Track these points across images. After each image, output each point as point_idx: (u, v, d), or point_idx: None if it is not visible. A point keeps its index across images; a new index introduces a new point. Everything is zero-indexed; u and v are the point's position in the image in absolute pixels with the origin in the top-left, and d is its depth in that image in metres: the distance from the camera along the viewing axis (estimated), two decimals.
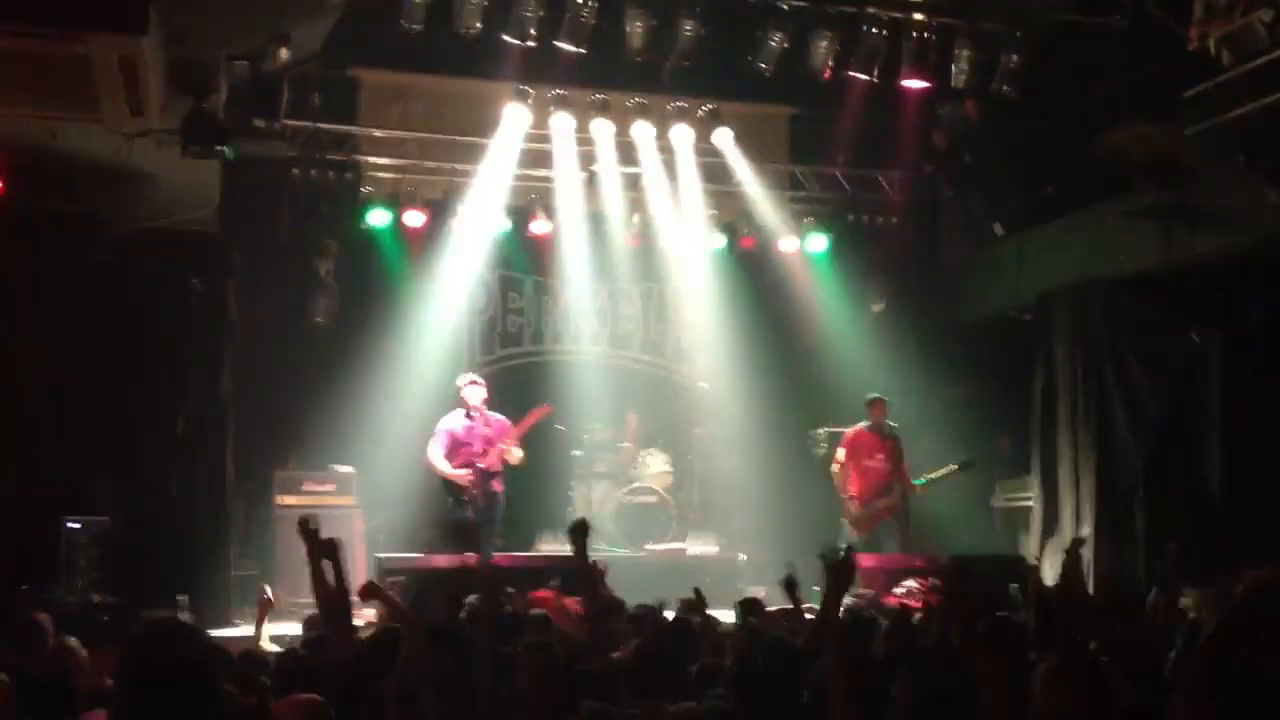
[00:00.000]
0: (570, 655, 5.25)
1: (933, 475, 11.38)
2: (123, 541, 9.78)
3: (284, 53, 8.88)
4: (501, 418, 10.64)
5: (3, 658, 5.79)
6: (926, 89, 11.32)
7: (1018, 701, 3.83)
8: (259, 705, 4.22)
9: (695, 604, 7.40)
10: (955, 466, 11.34)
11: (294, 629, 7.76)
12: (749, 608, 7.26)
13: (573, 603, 7.32)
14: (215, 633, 7.85)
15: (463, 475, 10.33)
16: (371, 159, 12.32)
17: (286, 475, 11.41)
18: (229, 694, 4.27)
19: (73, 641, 5.95)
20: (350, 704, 4.38)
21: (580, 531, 5.87)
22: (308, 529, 5.44)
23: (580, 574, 6.17)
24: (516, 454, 10.53)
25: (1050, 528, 11.58)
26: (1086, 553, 10.92)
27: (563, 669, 4.84)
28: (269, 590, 7.81)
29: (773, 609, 7.46)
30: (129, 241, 9.89)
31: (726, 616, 7.74)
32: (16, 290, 9.67)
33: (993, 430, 12.70)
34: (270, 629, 7.99)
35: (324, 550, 5.35)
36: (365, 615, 7.95)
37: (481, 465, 10.37)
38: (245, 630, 9.42)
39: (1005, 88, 11.08)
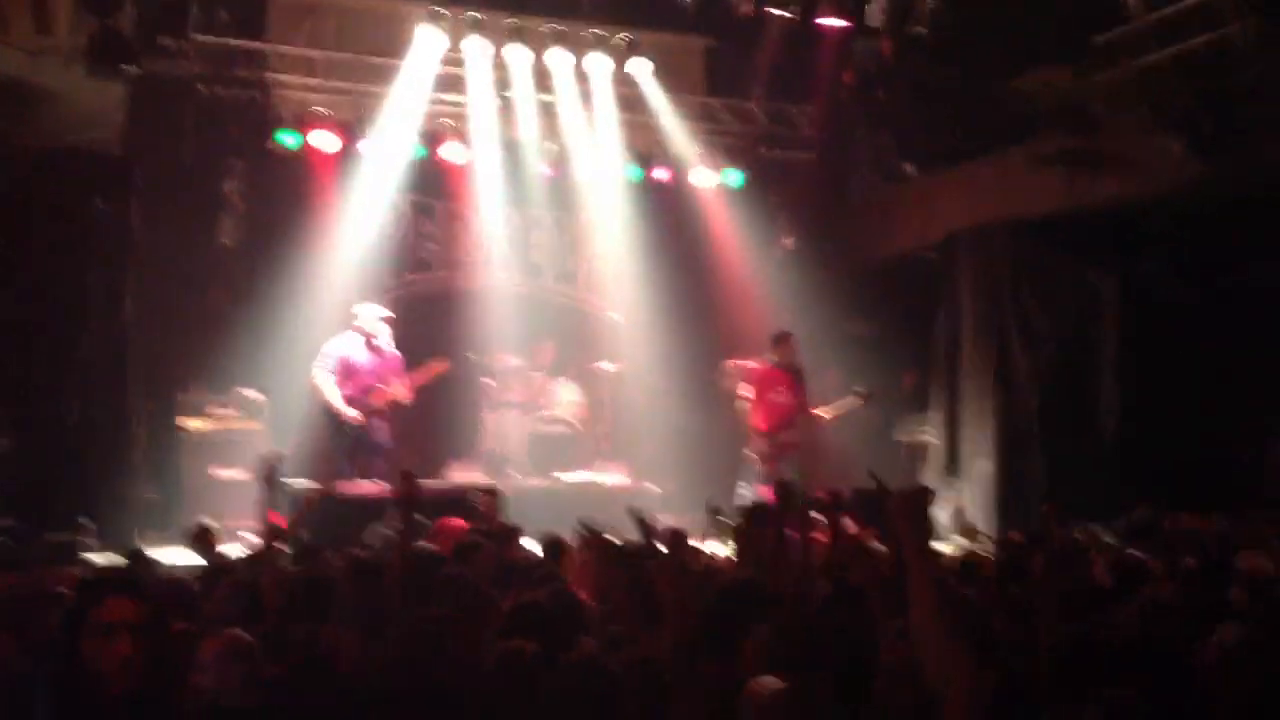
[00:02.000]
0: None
1: (833, 407, 11.59)
2: (24, 464, 9.61)
3: None
4: (397, 354, 10.51)
5: None
6: (843, 27, 11.39)
7: None
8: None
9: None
10: (855, 398, 11.56)
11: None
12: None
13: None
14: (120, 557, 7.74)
15: (351, 414, 10.18)
16: (281, 77, 12.05)
17: (190, 399, 11.27)
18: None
19: None
20: None
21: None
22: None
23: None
24: (405, 395, 10.43)
25: (950, 465, 11.91)
26: (989, 491, 11.31)
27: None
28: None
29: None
30: (31, 161, 9.59)
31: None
32: None
33: (898, 367, 12.97)
34: (183, 553, 7.91)
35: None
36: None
37: (374, 402, 10.25)
38: (150, 554, 9.38)
39: (919, 29, 11.19)
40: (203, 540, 7.11)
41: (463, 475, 12.12)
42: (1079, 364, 11.31)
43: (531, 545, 7.36)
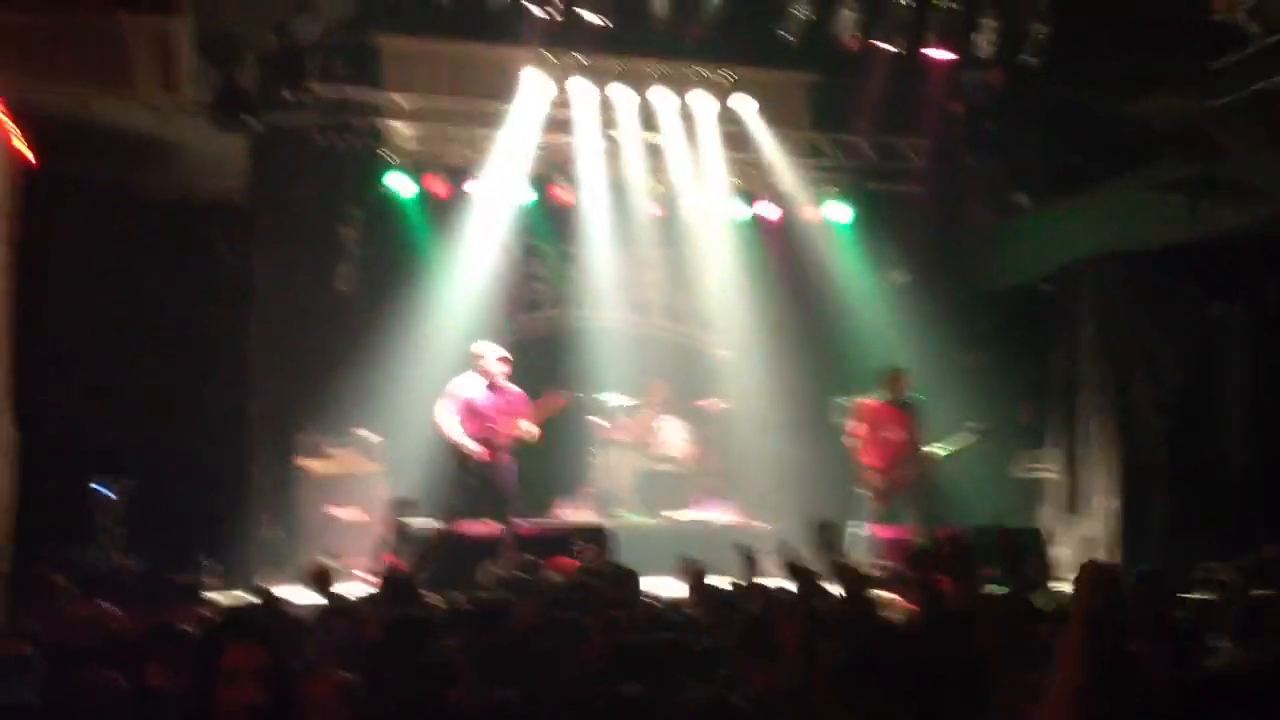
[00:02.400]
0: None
1: (948, 445, 11.41)
2: (149, 504, 9.91)
3: (309, 23, 8.88)
4: (519, 390, 10.56)
5: (23, 622, 5.93)
6: (951, 58, 11.30)
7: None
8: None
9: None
10: (970, 435, 11.37)
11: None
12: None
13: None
14: (243, 594, 7.94)
15: (477, 450, 10.19)
16: (395, 125, 12.33)
17: (310, 440, 11.51)
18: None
19: (107, 608, 6.08)
20: None
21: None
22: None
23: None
24: (533, 431, 10.44)
25: (1071, 501, 11.63)
26: (1110, 528, 11.04)
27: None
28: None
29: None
30: (158, 210, 9.97)
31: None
32: (48, 257, 9.76)
33: (1012, 400, 12.72)
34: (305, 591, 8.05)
35: None
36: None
37: (497, 439, 10.28)
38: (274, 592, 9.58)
39: (1030, 58, 11.05)
40: (321, 580, 7.24)
41: (573, 514, 12.21)
42: (1204, 396, 11.00)
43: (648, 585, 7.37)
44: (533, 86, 11.99)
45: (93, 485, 9.74)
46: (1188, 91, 10.37)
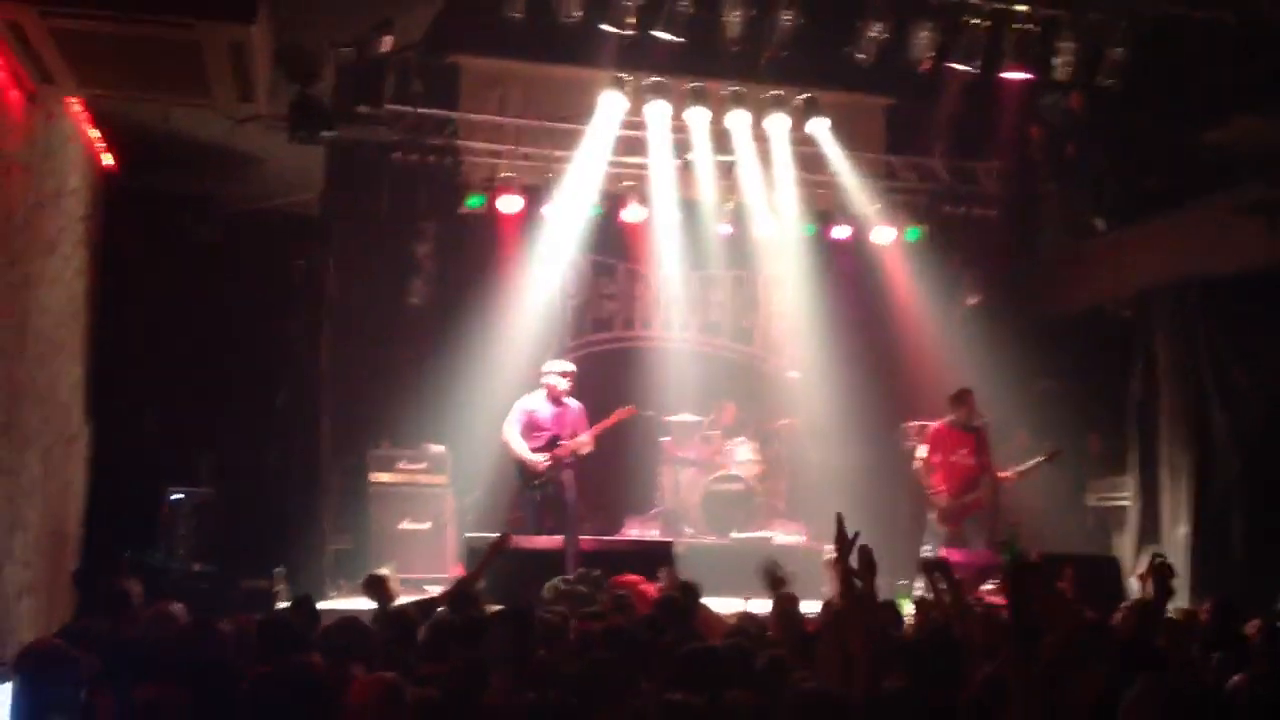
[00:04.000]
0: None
1: (1020, 467, 11.26)
2: (222, 512, 10.08)
3: (388, 40, 9.03)
4: (580, 405, 10.58)
5: (96, 622, 6.04)
6: (1027, 80, 11.19)
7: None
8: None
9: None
10: (1042, 458, 11.21)
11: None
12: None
13: (653, 589, 7.41)
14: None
15: (538, 460, 10.25)
16: (470, 144, 12.48)
17: (381, 454, 11.63)
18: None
19: (176, 608, 6.19)
20: None
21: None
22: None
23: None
24: (587, 443, 10.44)
25: (1147, 529, 11.41)
26: (1184, 557, 10.80)
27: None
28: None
29: None
30: (236, 221, 10.19)
31: (812, 607, 7.74)
32: (128, 265, 10.00)
33: (1085, 426, 12.52)
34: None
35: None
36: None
37: (560, 453, 10.30)
38: (339, 603, 9.69)
39: (1108, 81, 10.90)
40: (377, 588, 7.32)
41: (640, 532, 12.22)
42: None
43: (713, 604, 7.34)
44: (607, 107, 12.07)
45: (170, 491, 9.90)
46: (1269, 117, 10.17)
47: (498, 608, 5.75)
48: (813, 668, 4.73)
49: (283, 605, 8.87)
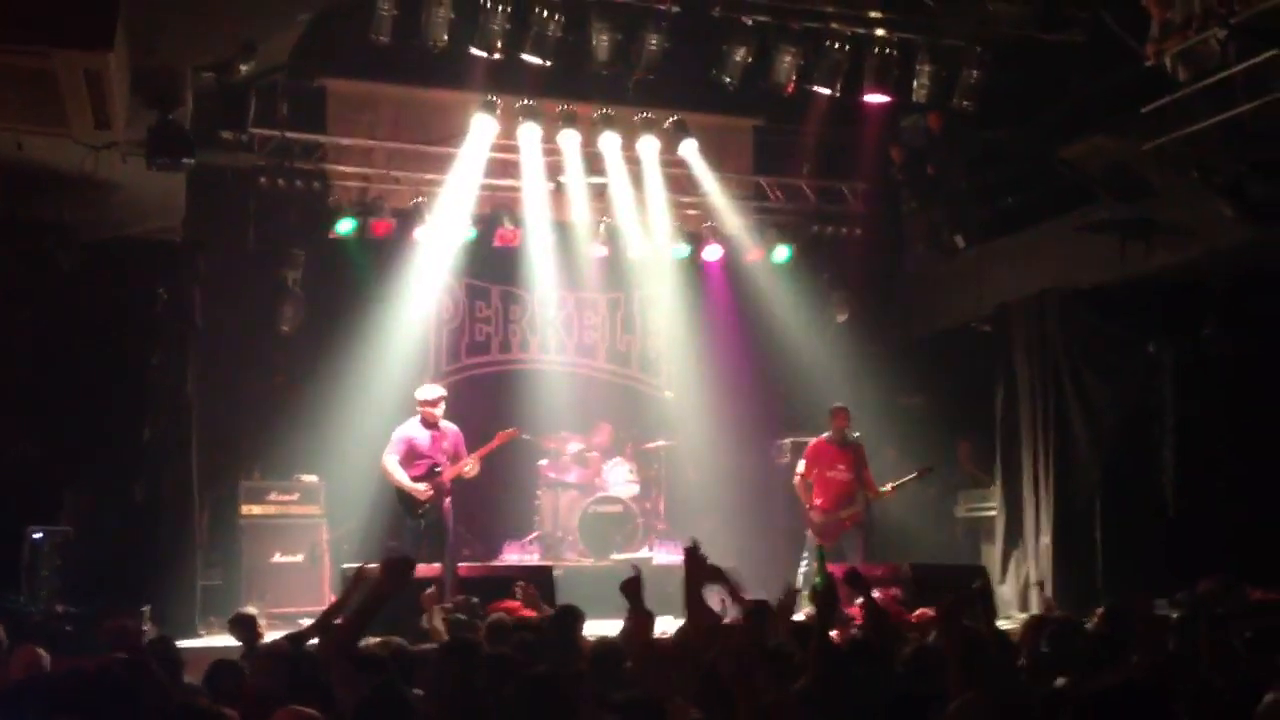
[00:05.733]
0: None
1: (894, 483, 11.47)
2: (86, 550, 9.74)
3: (249, 64, 8.88)
4: (456, 429, 10.45)
5: None
6: (888, 102, 11.48)
7: None
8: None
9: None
10: (915, 475, 11.43)
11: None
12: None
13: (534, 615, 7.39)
14: (183, 643, 7.79)
15: (420, 490, 10.09)
16: (339, 168, 12.32)
17: (252, 485, 11.40)
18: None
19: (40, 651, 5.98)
20: None
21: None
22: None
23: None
24: (472, 469, 10.37)
25: (1013, 538, 11.72)
26: (1044, 562, 11.14)
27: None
28: None
29: None
30: (95, 250, 9.88)
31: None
32: None
33: (953, 440, 12.85)
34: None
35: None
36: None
37: (443, 479, 10.17)
38: (212, 640, 9.46)
39: (965, 102, 11.25)
40: (244, 627, 7.21)
41: (519, 557, 12.16)
42: (1139, 435, 11.15)
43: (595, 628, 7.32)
44: (479, 130, 12.04)
45: (29, 530, 9.56)
46: (1119, 135, 10.57)
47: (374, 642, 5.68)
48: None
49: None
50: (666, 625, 7.40)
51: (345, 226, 12.18)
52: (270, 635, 7.38)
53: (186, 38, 7.75)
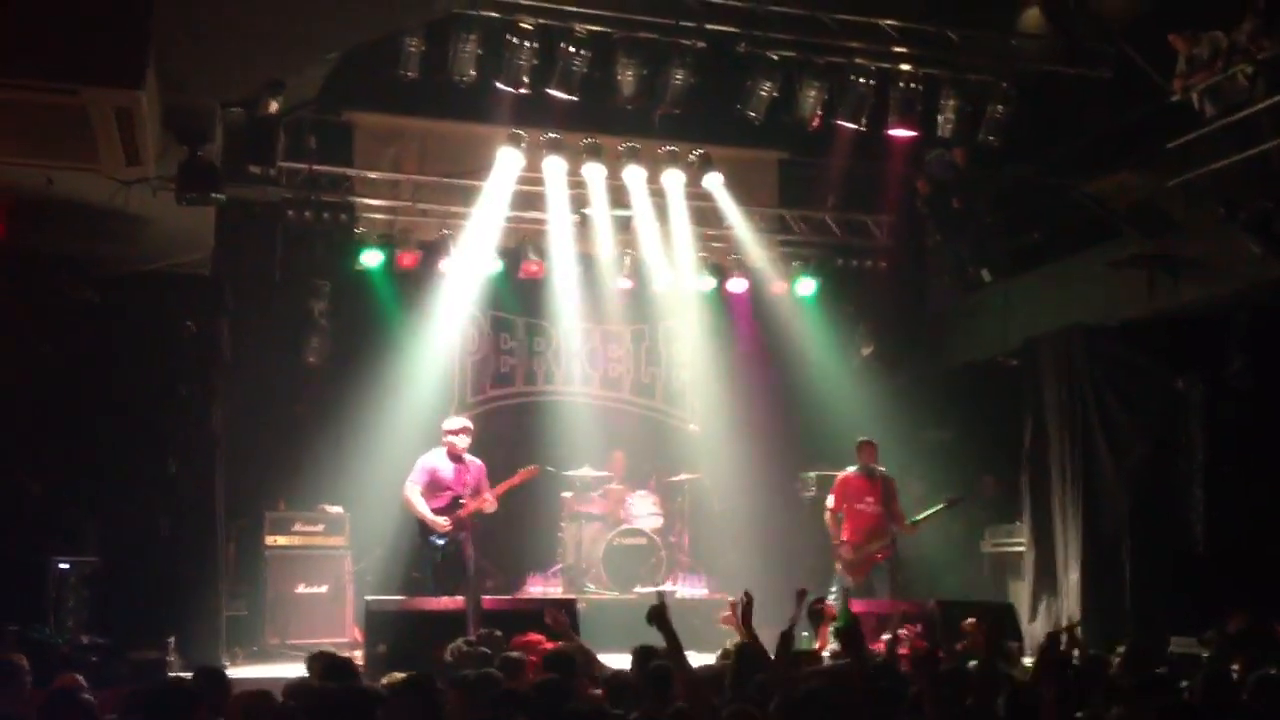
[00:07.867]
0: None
1: (921, 516, 11.40)
2: (112, 581, 9.80)
3: (278, 100, 8.98)
4: (480, 463, 10.43)
5: None
6: (913, 136, 11.49)
7: None
8: None
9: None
10: (943, 505, 11.35)
11: (297, 671, 7.53)
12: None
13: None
14: None
15: (441, 523, 10.06)
16: (366, 201, 12.40)
17: (277, 516, 11.44)
18: None
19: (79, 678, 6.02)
20: None
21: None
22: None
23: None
24: (491, 502, 10.29)
25: (1043, 575, 11.59)
26: (1073, 599, 11.04)
27: None
28: None
29: None
30: (124, 283, 9.98)
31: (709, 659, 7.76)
32: (14, 331, 9.74)
33: (979, 475, 12.77)
34: (268, 670, 7.91)
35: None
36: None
37: (463, 514, 10.14)
38: (237, 671, 9.46)
39: (990, 137, 11.26)
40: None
41: (543, 589, 12.14)
42: (1167, 470, 11.06)
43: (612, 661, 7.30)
44: (504, 163, 12.11)
45: (56, 561, 9.60)
46: (1146, 170, 10.55)
47: (398, 677, 5.66)
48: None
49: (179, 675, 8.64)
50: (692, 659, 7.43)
51: (372, 259, 12.26)
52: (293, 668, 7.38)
53: (216, 76, 7.84)
